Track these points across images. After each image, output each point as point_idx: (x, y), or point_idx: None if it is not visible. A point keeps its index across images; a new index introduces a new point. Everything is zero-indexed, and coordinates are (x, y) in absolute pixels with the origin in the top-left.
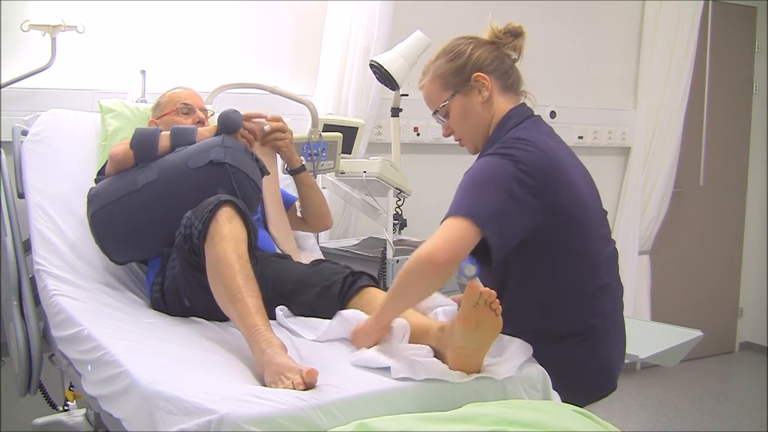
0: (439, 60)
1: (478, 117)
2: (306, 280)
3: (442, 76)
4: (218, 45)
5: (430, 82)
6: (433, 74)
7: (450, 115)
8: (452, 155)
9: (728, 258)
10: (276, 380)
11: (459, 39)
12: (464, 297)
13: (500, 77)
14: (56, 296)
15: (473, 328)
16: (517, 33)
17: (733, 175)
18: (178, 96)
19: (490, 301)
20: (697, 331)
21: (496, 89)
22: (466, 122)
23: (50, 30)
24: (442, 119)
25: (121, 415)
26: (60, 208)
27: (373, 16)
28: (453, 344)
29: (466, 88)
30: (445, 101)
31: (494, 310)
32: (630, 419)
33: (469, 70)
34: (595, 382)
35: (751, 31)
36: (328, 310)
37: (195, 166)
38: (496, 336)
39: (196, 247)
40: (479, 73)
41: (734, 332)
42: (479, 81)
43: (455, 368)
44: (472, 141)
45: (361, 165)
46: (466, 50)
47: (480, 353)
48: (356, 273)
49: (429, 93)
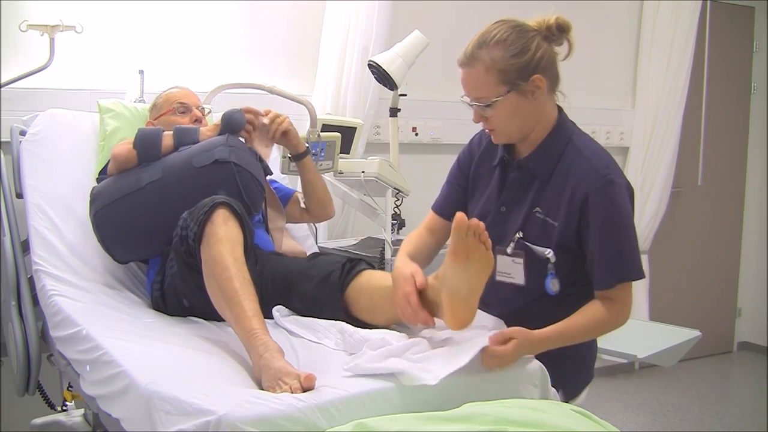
0: (499, 50)
1: (527, 117)
2: (305, 272)
3: (502, 71)
4: (216, 45)
5: (486, 72)
6: (491, 65)
7: (497, 109)
8: (451, 155)
9: (727, 258)
10: (274, 385)
11: (519, 25)
12: (453, 230)
13: (550, 78)
14: (55, 296)
15: (464, 262)
16: (567, 28)
17: (732, 174)
18: (174, 96)
19: (479, 233)
20: (696, 330)
21: (545, 90)
22: (513, 120)
23: (49, 30)
24: (480, 107)
25: (120, 415)
26: (59, 208)
27: (371, 15)
28: (446, 287)
29: (523, 88)
30: (499, 96)
31: (483, 242)
32: (628, 419)
33: (531, 70)
34: (589, 371)
35: (749, 31)
36: (328, 298)
37: (200, 165)
38: (488, 272)
39: (192, 249)
40: (539, 76)
41: (732, 332)
42: (536, 83)
43: (451, 317)
44: (508, 136)
45: (360, 165)
46: (531, 46)
47: (473, 296)
48: (354, 260)
49: (478, 82)
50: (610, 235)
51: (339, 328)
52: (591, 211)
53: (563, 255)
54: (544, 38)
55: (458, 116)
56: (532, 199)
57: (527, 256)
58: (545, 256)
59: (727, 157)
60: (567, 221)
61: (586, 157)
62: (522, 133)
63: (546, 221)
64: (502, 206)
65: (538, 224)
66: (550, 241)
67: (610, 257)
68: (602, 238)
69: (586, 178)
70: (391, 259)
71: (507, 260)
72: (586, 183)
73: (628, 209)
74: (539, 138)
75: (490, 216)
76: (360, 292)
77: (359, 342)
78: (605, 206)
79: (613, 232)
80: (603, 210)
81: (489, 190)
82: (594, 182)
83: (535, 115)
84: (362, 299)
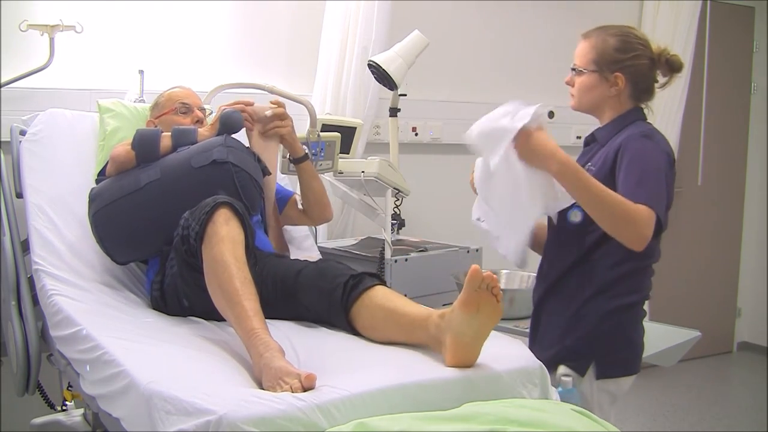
0: (612, 38)
1: (597, 99)
2: (308, 282)
3: (600, 52)
4: (216, 44)
5: (591, 47)
6: (598, 44)
7: (580, 79)
8: (450, 155)
9: (726, 258)
10: (274, 384)
11: (637, 36)
12: (466, 281)
13: (635, 88)
14: (55, 296)
15: (473, 313)
16: (676, 68)
17: (732, 175)
18: (176, 95)
19: (492, 286)
20: (695, 331)
21: (627, 92)
22: (585, 94)
23: (49, 30)
24: (572, 71)
25: (120, 415)
26: (58, 207)
27: (371, 15)
28: (452, 330)
29: (604, 75)
30: (585, 69)
31: (495, 295)
32: (628, 419)
33: (620, 68)
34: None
35: (749, 31)
36: (333, 315)
37: (198, 165)
38: (495, 323)
39: (193, 248)
40: (622, 75)
41: (732, 332)
42: (617, 80)
43: (452, 358)
44: (579, 105)
45: (360, 165)
46: (634, 51)
47: (478, 342)
48: (357, 276)
49: (582, 51)
50: (634, 169)
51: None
52: (622, 154)
53: None
54: (650, 59)
55: (458, 116)
56: (588, 158)
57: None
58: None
59: (727, 157)
60: (603, 164)
61: (639, 127)
62: (590, 109)
63: (589, 168)
64: None
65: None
66: None
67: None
68: (626, 171)
69: (629, 134)
70: (391, 259)
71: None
72: (627, 137)
73: (655, 156)
74: (611, 117)
75: None
76: (361, 308)
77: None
78: (634, 149)
79: (637, 168)
80: (630, 152)
81: None
82: (632, 134)
83: (606, 102)
84: (364, 316)
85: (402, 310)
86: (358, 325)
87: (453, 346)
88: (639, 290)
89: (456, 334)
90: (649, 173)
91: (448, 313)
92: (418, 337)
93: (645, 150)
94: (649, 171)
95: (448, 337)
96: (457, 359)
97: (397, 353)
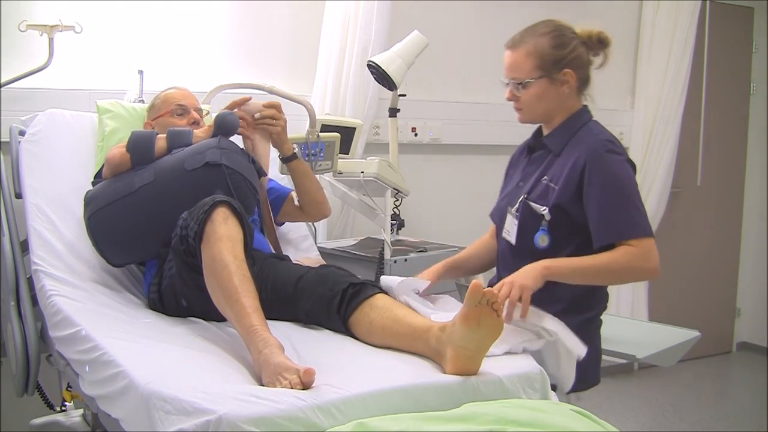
0: (544, 39)
1: (551, 104)
2: (308, 288)
3: (540, 57)
4: (215, 45)
5: (526, 55)
6: (534, 49)
7: (527, 90)
8: (450, 155)
9: (726, 258)
10: (273, 380)
11: (564, 26)
12: (467, 296)
13: (581, 78)
14: (54, 296)
15: (474, 328)
16: (607, 42)
17: (731, 175)
18: (172, 97)
19: (492, 301)
20: (695, 331)
21: (574, 86)
22: (538, 103)
23: (48, 30)
24: (514, 85)
25: (119, 415)
26: (58, 208)
27: (370, 15)
28: (453, 343)
29: (555, 77)
30: (531, 79)
31: (496, 310)
32: (628, 419)
33: (566, 64)
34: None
35: (748, 31)
36: (328, 321)
37: (191, 168)
38: (496, 337)
39: (192, 248)
40: (570, 71)
41: (731, 332)
42: (567, 77)
43: (453, 369)
44: (531, 117)
45: (359, 165)
46: (571, 43)
47: (479, 355)
48: (357, 284)
49: (517, 62)
50: (609, 197)
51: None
52: (589, 174)
53: (559, 215)
54: (584, 44)
55: (458, 117)
56: (543, 169)
57: (523, 214)
58: (540, 213)
59: (727, 157)
60: (567, 184)
61: (594, 134)
62: (543, 118)
63: (549, 185)
64: (520, 181)
65: (542, 188)
66: (548, 201)
67: (607, 216)
68: (600, 199)
69: (589, 147)
70: (391, 260)
71: (511, 219)
72: (588, 150)
73: (627, 175)
74: (560, 121)
75: (507, 190)
76: (360, 317)
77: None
78: (603, 170)
79: (611, 194)
80: (600, 174)
81: (516, 175)
82: (595, 150)
83: (559, 105)
84: (363, 325)
85: (402, 320)
86: (357, 333)
87: (454, 359)
88: (600, 303)
89: (457, 348)
90: (629, 199)
91: (448, 326)
92: (417, 349)
93: (614, 170)
94: (629, 196)
95: (449, 350)
96: (458, 371)
97: (397, 355)
